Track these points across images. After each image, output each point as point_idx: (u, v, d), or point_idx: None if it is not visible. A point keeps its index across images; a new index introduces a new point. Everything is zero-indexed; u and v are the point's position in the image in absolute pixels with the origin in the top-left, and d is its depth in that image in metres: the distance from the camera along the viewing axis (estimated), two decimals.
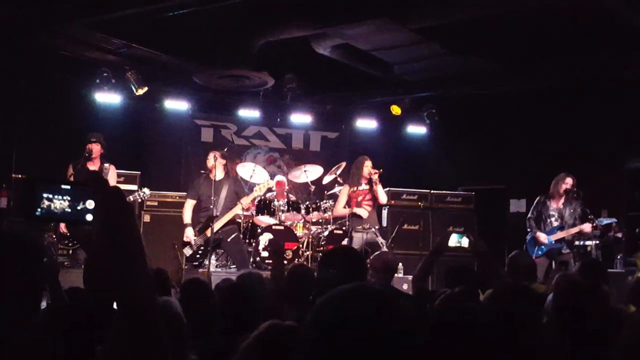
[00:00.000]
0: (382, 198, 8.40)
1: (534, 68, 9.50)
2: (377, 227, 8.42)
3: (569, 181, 8.29)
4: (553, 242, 8.21)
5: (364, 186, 8.34)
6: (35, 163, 8.73)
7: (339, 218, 9.03)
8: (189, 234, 8.14)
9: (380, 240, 8.18)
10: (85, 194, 1.39)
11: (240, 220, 9.06)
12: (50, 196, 1.37)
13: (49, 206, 1.37)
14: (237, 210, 8.29)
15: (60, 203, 1.38)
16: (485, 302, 3.40)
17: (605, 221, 8.75)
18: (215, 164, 8.17)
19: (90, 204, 1.39)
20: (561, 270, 7.93)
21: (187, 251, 8.14)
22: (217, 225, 8.04)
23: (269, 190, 9.13)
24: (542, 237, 8.22)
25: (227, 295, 3.52)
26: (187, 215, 8.27)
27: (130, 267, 1.33)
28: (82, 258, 6.99)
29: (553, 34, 8.39)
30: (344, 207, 8.45)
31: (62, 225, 7.37)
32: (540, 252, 8.22)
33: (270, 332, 2.11)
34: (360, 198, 8.33)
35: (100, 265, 1.37)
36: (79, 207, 1.39)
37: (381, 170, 8.27)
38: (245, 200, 8.35)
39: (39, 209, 1.37)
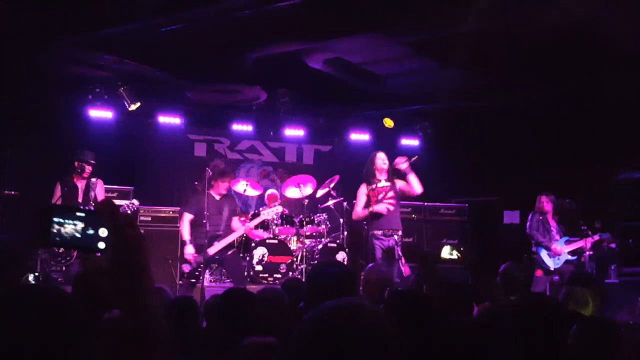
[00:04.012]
0: (417, 188, 7.52)
1: (525, 82, 9.54)
2: (400, 232, 7.57)
3: (543, 199, 8.68)
4: (568, 253, 8.39)
5: (383, 182, 7.61)
6: (28, 180, 8.70)
7: (359, 221, 8.14)
8: (190, 251, 7.77)
9: (399, 252, 7.37)
10: (98, 222, 1.41)
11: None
12: (61, 221, 1.39)
13: (59, 231, 1.39)
14: (240, 233, 8.13)
15: (71, 228, 1.39)
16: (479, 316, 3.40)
17: (604, 236, 8.88)
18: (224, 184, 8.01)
19: (102, 232, 1.40)
20: (561, 281, 8.00)
21: (187, 267, 7.92)
22: (221, 245, 7.84)
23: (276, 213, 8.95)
24: (558, 248, 8.36)
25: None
26: (187, 231, 7.86)
27: (142, 292, 1.38)
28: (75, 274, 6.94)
29: (544, 49, 8.43)
30: (363, 209, 7.54)
31: None
32: (557, 264, 8.34)
33: (250, 350, 2.11)
34: (380, 196, 7.54)
35: (111, 291, 1.40)
36: (89, 232, 1.40)
37: (416, 157, 7.58)
38: (250, 225, 8.20)
39: (50, 234, 1.38)
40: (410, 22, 7.60)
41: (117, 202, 8.63)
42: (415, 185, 7.53)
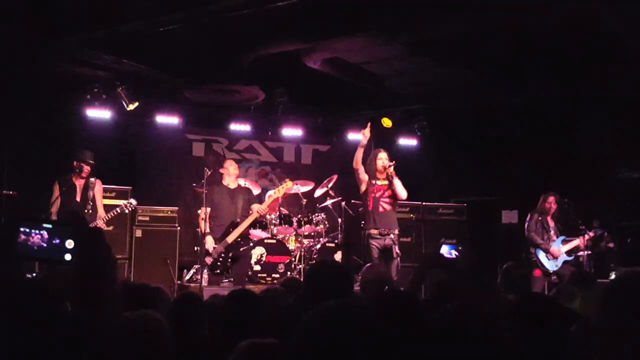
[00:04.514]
0: (402, 193, 7.55)
1: (523, 80, 9.54)
2: (397, 231, 7.62)
3: (551, 200, 8.56)
4: (565, 253, 8.42)
5: (382, 181, 7.63)
6: (26, 179, 8.69)
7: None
8: (210, 243, 7.88)
9: (396, 250, 7.46)
10: (65, 233, 1.39)
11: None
12: (28, 231, 1.37)
13: (26, 241, 1.37)
14: (254, 216, 8.09)
15: (37, 238, 1.38)
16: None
17: (599, 231, 8.90)
18: (231, 173, 8.14)
19: (69, 243, 1.39)
20: (559, 282, 8.02)
21: (208, 260, 7.90)
22: (238, 231, 7.87)
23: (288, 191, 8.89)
24: (555, 250, 8.34)
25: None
26: (204, 225, 7.98)
27: (102, 306, 1.37)
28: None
29: (543, 47, 8.44)
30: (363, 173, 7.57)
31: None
32: (556, 266, 8.36)
33: (249, 352, 2.09)
34: (378, 194, 7.58)
35: (76, 301, 1.39)
36: (55, 243, 1.38)
37: (394, 162, 7.57)
38: (262, 207, 8.16)
39: (16, 245, 1.37)
40: (409, 21, 7.59)
41: (115, 202, 8.64)
42: (400, 190, 7.56)
